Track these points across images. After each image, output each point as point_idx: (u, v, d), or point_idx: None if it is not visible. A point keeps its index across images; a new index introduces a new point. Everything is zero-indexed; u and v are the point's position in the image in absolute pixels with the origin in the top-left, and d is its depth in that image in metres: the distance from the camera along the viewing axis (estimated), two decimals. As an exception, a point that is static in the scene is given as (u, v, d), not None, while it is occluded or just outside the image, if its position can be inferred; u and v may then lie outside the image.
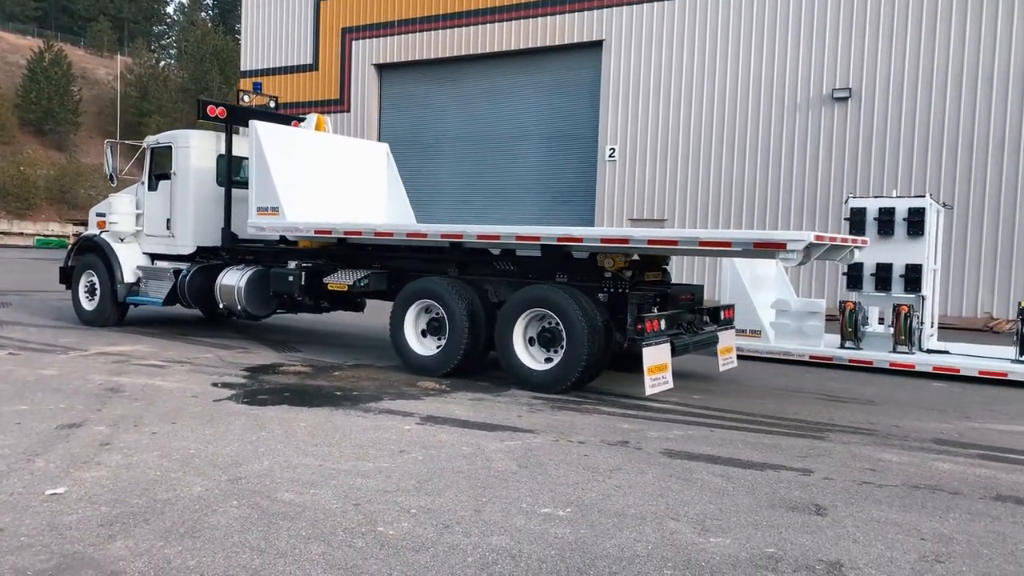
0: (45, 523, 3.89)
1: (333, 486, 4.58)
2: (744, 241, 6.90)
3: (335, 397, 7.21)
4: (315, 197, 10.33)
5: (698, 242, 7.22)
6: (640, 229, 7.81)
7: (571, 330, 7.42)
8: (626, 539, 3.91)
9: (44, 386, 7.23)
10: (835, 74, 18.27)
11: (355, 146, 11.90)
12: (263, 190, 9.90)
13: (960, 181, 16.98)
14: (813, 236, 6.53)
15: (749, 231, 7.09)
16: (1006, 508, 4.58)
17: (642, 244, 7.21)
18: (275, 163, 9.94)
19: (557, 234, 7.72)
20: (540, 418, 6.57)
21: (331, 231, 9.22)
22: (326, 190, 10.61)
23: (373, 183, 11.58)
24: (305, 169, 10.40)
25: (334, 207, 10.46)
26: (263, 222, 9.89)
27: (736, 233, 7.39)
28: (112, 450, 5.20)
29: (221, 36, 76.19)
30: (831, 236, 7.10)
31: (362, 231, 9.03)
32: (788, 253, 6.48)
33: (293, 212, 9.76)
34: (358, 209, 10.92)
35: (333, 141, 11.40)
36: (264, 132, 10.05)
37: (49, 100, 66.46)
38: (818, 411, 7.31)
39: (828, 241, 6.97)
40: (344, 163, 11.17)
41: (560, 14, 21.69)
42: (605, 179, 21.15)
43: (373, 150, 11.89)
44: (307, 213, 9.89)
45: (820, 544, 3.93)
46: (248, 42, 28.24)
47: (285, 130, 10.74)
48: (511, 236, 7.97)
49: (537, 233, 7.91)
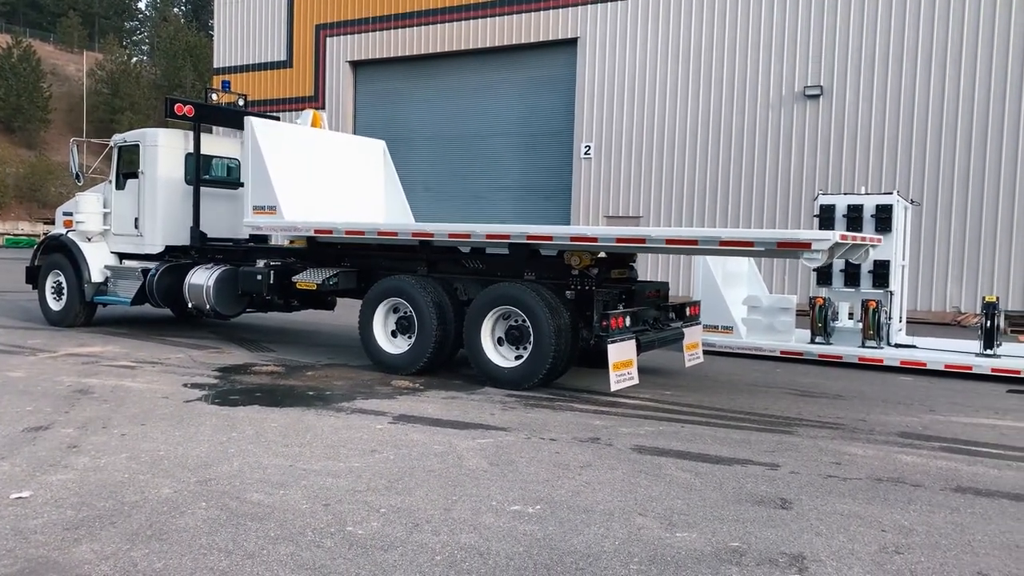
0: (9, 527, 3.86)
1: (303, 486, 4.58)
2: (768, 241, 6.72)
3: (307, 397, 7.19)
4: (313, 195, 10.17)
5: (719, 241, 6.99)
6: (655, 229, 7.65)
7: (538, 327, 7.48)
8: (593, 535, 3.96)
9: (11, 388, 7.14)
10: (807, 72, 18.48)
11: (351, 143, 11.76)
12: (260, 189, 9.71)
13: (929, 178, 17.25)
14: (838, 236, 6.44)
15: (772, 231, 6.92)
16: (965, 499, 4.68)
17: (660, 243, 7.14)
18: (272, 161, 9.75)
19: (528, 232, 7.74)
20: (512, 416, 6.60)
21: (332, 231, 9.07)
22: (324, 188, 10.46)
23: (370, 180, 11.45)
24: (302, 167, 10.24)
25: (332, 205, 10.30)
26: (260, 221, 9.73)
27: (759, 233, 7.01)
28: (80, 453, 5.16)
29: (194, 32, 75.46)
30: (853, 235, 7.02)
31: (364, 231, 8.87)
32: (813, 253, 6.36)
33: (291, 211, 9.61)
34: (356, 207, 10.78)
35: (329, 138, 11.25)
36: (260, 129, 9.89)
37: (18, 97, 65.50)
38: (787, 406, 7.41)
39: (851, 240, 6.90)
40: (341, 160, 11.03)
41: (535, 11, 21.70)
42: (581, 176, 21.22)
43: (370, 147, 11.74)
44: (305, 212, 9.74)
45: (784, 537, 3.99)
46: (221, 39, 27.97)
47: (281, 127, 10.62)
48: (481, 235, 8.00)
49: (507, 231, 7.95)
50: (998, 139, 16.64)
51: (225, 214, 11.36)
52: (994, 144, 16.67)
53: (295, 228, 9.49)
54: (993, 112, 16.66)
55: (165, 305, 10.97)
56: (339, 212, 10.28)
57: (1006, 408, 7.60)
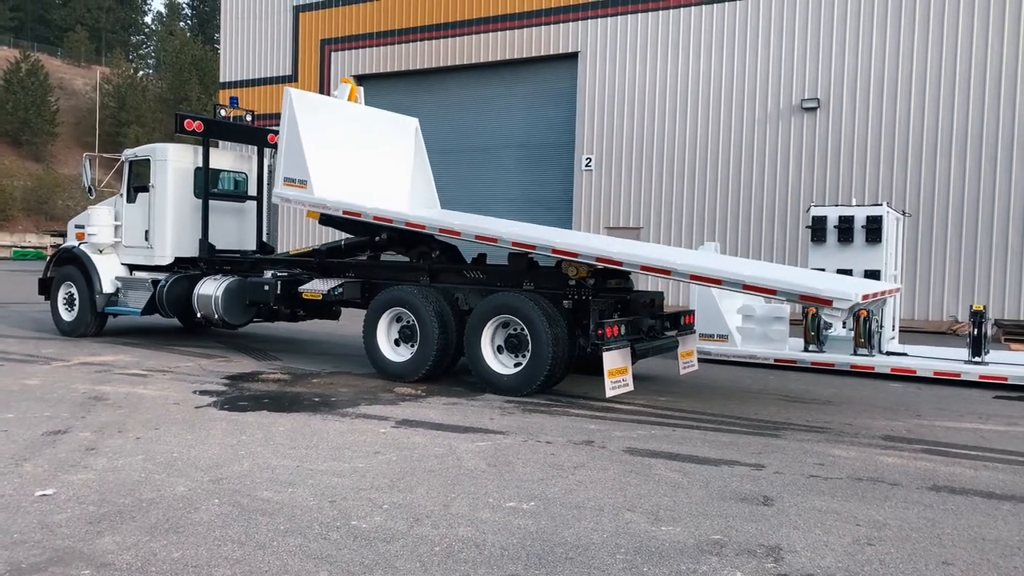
0: (36, 522, 4.12)
1: (310, 485, 4.84)
2: (790, 292, 6.71)
3: (313, 403, 7.45)
4: (344, 172, 10.10)
5: (742, 285, 7.00)
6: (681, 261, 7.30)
7: (535, 336, 7.75)
8: (584, 528, 4.20)
9: (29, 395, 7.42)
10: (804, 84, 18.78)
11: (385, 119, 11.50)
12: (292, 161, 9.71)
13: (924, 189, 17.51)
14: (860, 296, 6.42)
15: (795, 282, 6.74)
16: (939, 497, 4.92)
17: (685, 277, 7.22)
18: (307, 133, 9.72)
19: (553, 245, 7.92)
20: (511, 420, 6.85)
21: (360, 214, 9.13)
22: (354, 165, 10.39)
23: (399, 159, 11.32)
24: (336, 141, 10.16)
25: (361, 184, 10.25)
26: (290, 193, 9.74)
27: (782, 282, 6.81)
28: (98, 454, 5.43)
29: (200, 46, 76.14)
30: (874, 292, 7.02)
31: (393, 219, 8.91)
32: (833, 310, 6.39)
33: (321, 187, 9.61)
34: (383, 187, 10.71)
35: (364, 113, 11.11)
36: (298, 100, 9.89)
37: (26, 111, 66.21)
38: (778, 411, 7.65)
39: (872, 297, 6.91)
40: (373, 137, 10.93)
41: (536, 26, 22.08)
42: (582, 188, 21.54)
43: (402, 125, 11.59)
44: (335, 189, 9.71)
45: (763, 531, 4.24)
46: (227, 53, 28.42)
47: (319, 99, 10.61)
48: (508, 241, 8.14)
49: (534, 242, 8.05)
50: (992, 151, 16.90)
51: (233, 226, 11.73)
52: (988, 155, 16.93)
53: (324, 206, 9.52)
54: (987, 125, 16.94)
55: (174, 315, 11.24)
56: (367, 190, 10.16)
57: (990, 413, 7.83)
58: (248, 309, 10.51)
